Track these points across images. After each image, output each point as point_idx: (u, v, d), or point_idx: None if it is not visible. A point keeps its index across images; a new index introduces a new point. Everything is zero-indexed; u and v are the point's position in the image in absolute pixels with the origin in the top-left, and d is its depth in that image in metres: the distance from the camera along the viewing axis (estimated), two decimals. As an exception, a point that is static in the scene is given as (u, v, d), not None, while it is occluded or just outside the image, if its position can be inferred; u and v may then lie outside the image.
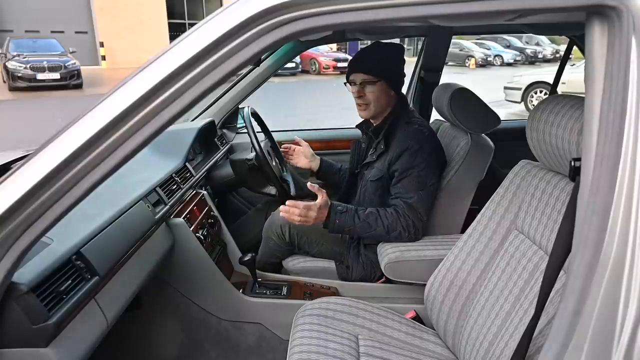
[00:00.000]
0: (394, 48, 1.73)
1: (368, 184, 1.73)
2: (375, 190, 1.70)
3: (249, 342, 1.66)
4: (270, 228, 1.83)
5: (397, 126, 1.69)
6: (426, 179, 1.62)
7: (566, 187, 1.02)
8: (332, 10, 0.66)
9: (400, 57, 1.72)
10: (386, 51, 1.72)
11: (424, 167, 1.60)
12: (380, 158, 1.70)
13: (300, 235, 1.80)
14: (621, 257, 0.61)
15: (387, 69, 1.68)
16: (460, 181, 1.73)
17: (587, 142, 0.66)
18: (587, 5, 0.63)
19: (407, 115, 1.72)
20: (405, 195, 1.60)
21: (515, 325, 1.03)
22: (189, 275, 1.59)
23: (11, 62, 10.99)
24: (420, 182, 1.60)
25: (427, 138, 1.66)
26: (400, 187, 1.62)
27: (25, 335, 0.84)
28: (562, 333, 0.64)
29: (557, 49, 23.25)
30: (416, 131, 1.65)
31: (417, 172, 1.60)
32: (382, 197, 1.70)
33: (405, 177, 1.61)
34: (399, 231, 1.58)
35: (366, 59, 1.70)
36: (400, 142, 1.63)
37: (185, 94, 0.70)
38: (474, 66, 19.61)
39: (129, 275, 1.23)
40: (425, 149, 1.62)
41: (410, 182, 1.60)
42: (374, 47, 1.73)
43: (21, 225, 0.73)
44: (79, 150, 0.71)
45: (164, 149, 1.80)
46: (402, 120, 1.69)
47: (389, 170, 1.65)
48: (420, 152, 1.60)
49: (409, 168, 1.60)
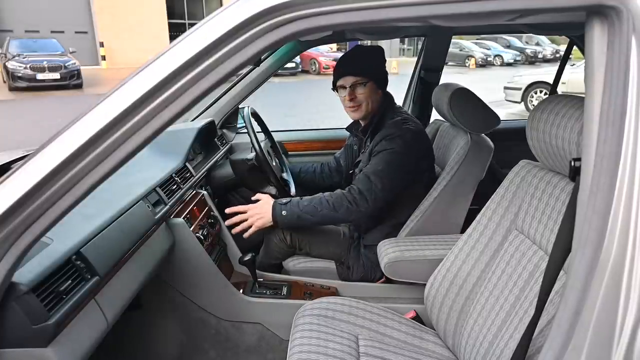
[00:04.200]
0: (375, 49, 1.75)
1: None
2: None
3: (248, 342, 1.66)
4: (272, 230, 1.83)
5: (383, 122, 1.71)
6: (396, 169, 1.60)
7: (566, 187, 1.02)
8: (332, 10, 0.66)
9: (382, 58, 1.75)
10: (369, 53, 1.74)
11: (396, 156, 1.60)
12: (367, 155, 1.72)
13: (302, 237, 1.80)
14: (621, 257, 0.61)
15: (374, 70, 1.71)
16: (460, 181, 1.73)
17: (587, 142, 0.66)
18: (587, 5, 0.63)
19: (393, 111, 1.74)
20: (365, 174, 1.61)
21: (515, 325, 1.04)
22: (189, 275, 1.59)
23: (11, 62, 10.99)
24: (389, 168, 1.59)
25: (408, 129, 1.66)
26: (366, 167, 1.63)
27: (25, 335, 0.84)
28: (562, 333, 0.64)
29: (557, 49, 23.27)
30: (398, 123, 1.67)
31: (388, 156, 1.60)
32: None
33: (374, 157, 1.62)
34: (346, 206, 1.58)
35: (353, 63, 1.72)
36: (382, 133, 1.66)
37: (185, 94, 0.70)
38: (474, 66, 19.61)
39: (129, 275, 1.22)
40: (405, 137, 1.62)
41: (376, 164, 1.61)
42: (356, 51, 1.76)
43: (21, 225, 0.73)
44: (79, 150, 0.71)
45: (164, 149, 1.80)
46: (388, 116, 1.72)
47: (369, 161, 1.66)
48: (398, 138, 1.61)
49: (382, 150, 1.62)
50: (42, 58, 11.17)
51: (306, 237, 1.80)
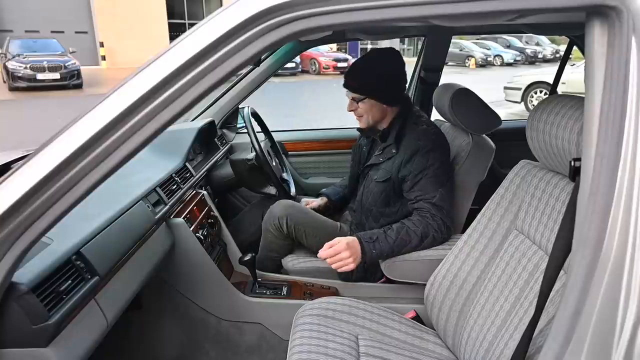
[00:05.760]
0: (388, 63, 1.66)
1: (373, 184, 1.71)
2: (381, 191, 1.68)
3: (249, 342, 1.66)
4: (269, 220, 1.83)
5: (405, 129, 1.67)
6: (443, 176, 1.60)
7: (566, 187, 1.02)
8: (332, 10, 0.66)
9: (394, 72, 1.66)
10: (377, 67, 1.64)
11: (439, 165, 1.59)
12: (388, 160, 1.67)
13: (297, 227, 1.80)
14: (621, 257, 0.61)
15: (374, 88, 1.63)
16: (461, 181, 1.73)
17: (587, 142, 0.66)
18: (587, 5, 0.63)
19: (414, 116, 1.70)
20: (426, 196, 1.57)
21: (515, 325, 1.04)
22: (189, 275, 1.59)
23: (11, 62, 10.99)
24: (438, 180, 1.58)
25: (437, 137, 1.65)
26: (419, 190, 1.58)
27: (25, 335, 0.84)
28: (562, 333, 0.64)
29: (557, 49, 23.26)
30: (425, 131, 1.64)
31: (432, 171, 1.58)
32: (386, 198, 1.69)
33: (422, 179, 1.58)
34: (432, 235, 1.54)
35: (354, 76, 1.66)
36: (411, 144, 1.61)
37: (185, 94, 0.70)
38: (474, 66, 19.61)
39: (129, 275, 1.23)
40: (436, 148, 1.61)
41: (428, 182, 1.58)
42: (364, 62, 1.68)
43: (21, 225, 0.73)
44: (79, 150, 0.71)
45: (164, 149, 1.80)
46: (410, 122, 1.68)
47: (398, 173, 1.62)
48: (432, 151, 1.59)
49: (423, 169, 1.58)
50: (42, 58, 11.16)
51: (302, 227, 1.80)
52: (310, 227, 1.81)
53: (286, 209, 1.81)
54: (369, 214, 1.75)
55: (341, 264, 1.47)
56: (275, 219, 1.80)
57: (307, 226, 1.80)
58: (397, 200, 1.68)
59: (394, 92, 1.68)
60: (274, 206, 1.85)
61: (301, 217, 1.81)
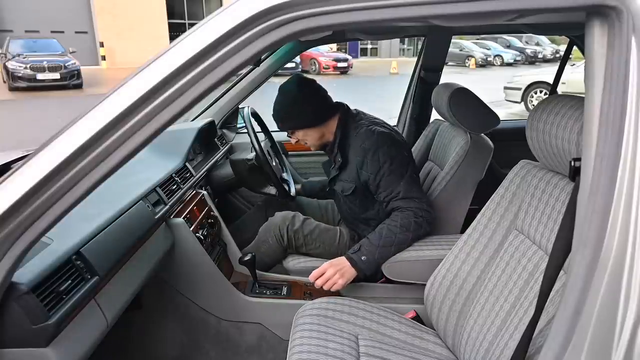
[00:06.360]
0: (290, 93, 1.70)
1: (342, 199, 1.77)
2: (353, 201, 1.74)
3: (249, 342, 1.66)
4: (268, 231, 1.83)
5: (347, 135, 1.70)
6: (400, 169, 1.61)
7: (566, 187, 1.02)
8: (332, 10, 0.66)
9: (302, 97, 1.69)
10: (284, 102, 1.71)
11: (391, 161, 1.60)
12: (343, 170, 1.72)
13: (298, 236, 1.80)
14: (621, 257, 0.61)
15: (293, 120, 1.72)
16: (459, 181, 1.73)
17: (587, 142, 0.66)
18: (587, 5, 0.63)
19: (354, 120, 1.72)
20: (392, 194, 1.60)
21: (515, 325, 1.04)
22: (189, 275, 1.59)
23: (11, 62, 10.99)
24: (396, 174, 1.60)
25: (380, 134, 1.65)
26: (383, 190, 1.62)
27: (25, 335, 0.84)
28: (562, 333, 0.64)
29: (557, 49, 23.27)
30: (367, 132, 1.65)
31: (387, 168, 1.60)
32: (363, 204, 1.72)
33: (382, 179, 1.61)
34: (413, 221, 1.56)
35: (276, 120, 1.76)
36: (357, 150, 1.64)
37: (185, 94, 0.70)
38: (474, 66, 19.61)
39: (129, 275, 1.22)
40: (382, 145, 1.62)
41: (388, 181, 1.61)
42: (275, 104, 1.73)
43: (21, 225, 0.73)
44: (79, 150, 0.71)
45: (164, 149, 1.81)
46: (351, 127, 1.70)
47: (359, 179, 1.66)
48: (379, 150, 1.61)
49: (378, 169, 1.61)
50: (42, 58, 11.16)
51: (302, 236, 1.80)
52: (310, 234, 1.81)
53: (285, 218, 1.82)
54: (358, 223, 1.80)
55: (330, 283, 1.52)
56: (276, 228, 1.80)
57: (307, 234, 1.81)
58: (374, 202, 1.71)
59: (314, 113, 1.71)
60: (273, 218, 1.86)
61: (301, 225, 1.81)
